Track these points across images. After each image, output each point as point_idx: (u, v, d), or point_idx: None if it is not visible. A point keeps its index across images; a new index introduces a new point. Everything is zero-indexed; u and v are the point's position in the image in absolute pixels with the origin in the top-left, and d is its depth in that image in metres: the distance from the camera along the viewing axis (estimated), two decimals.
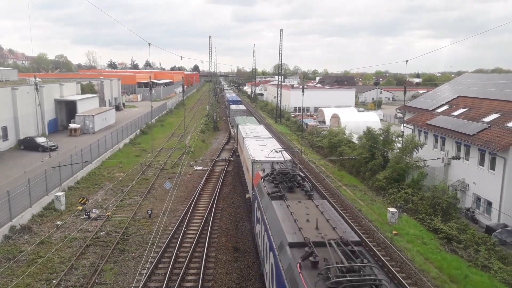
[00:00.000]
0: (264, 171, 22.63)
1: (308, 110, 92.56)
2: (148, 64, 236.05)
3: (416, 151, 36.42)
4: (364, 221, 28.34)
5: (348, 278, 9.60)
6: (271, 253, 14.29)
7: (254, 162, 26.40)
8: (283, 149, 28.06)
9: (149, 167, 41.75)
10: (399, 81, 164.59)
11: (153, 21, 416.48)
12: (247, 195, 30.04)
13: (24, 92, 50.25)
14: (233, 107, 74.39)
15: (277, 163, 24.71)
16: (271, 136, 38.13)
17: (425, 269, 21.63)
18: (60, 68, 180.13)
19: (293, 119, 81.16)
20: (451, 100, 41.84)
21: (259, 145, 31.73)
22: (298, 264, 11.04)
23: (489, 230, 26.19)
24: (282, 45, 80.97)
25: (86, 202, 30.03)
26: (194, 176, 39.35)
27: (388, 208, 29.11)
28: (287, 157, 28.13)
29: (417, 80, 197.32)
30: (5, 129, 45.80)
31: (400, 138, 38.83)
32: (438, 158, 34.33)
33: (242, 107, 75.73)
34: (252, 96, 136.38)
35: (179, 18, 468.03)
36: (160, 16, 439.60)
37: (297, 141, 58.79)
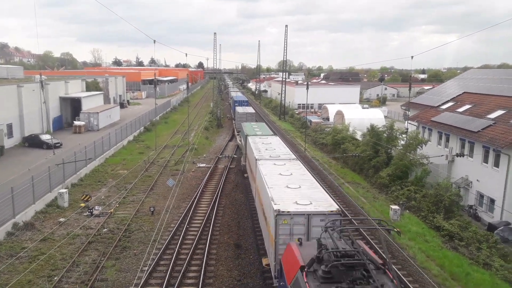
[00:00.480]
0: (301, 244, 12.71)
1: (312, 107, 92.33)
2: (153, 61, 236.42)
3: (420, 148, 36.21)
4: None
5: None
6: None
7: (279, 214, 16.50)
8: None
9: (152, 164, 41.89)
10: (404, 77, 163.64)
11: (158, 18, 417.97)
12: (264, 261, 19.72)
13: (30, 89, 50.55)
14: (239, 109, 62.24)
15: (319, 219, 15.80)
16: (294, 156, 27.32)
17: (427, 267, 21.56)
18: (66, 65, 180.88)
19: (297, 116, 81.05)
20: (456, 96, 41.54)
21: (281, 175, 21.50)
22: None
23: (491, 227, 26.03)
24: (286, 41, 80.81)
25: (89, 199, 30.18)
26: (197, 173, 39.43)
27: (390, 206, 29.01)
28: (328, 199, 18.09)
29: (422, 76, 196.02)
30: (10, 126, 46.09)
31: (404, 135, 38.64)
32: (442, 155, 34.11)
33: (250, 109, 63.84)
34: (257, 93, 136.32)
35: (184, 15, 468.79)
36: (165, 13, 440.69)
37: (301, 138, 58.71)
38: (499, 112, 32.18)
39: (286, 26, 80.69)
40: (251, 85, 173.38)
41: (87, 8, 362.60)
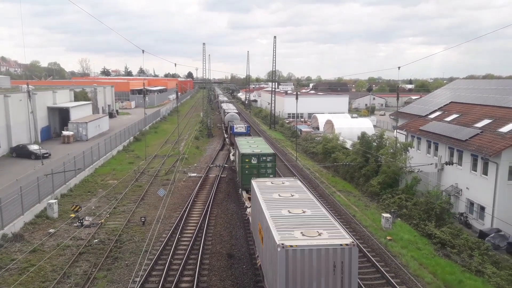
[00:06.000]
0: None
1: (302, 117, 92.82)
2: (142, 71, 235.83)
3: (408, 152, 36.52)
4: (358, 227, 28.35)
5: None
6: None
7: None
8: None
9: (142, 174, 41.55)
10: (392, 87, 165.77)
11: (147, 28, 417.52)
12: None
13: (17, 99, 49.97)
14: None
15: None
16: None
17: (420, 275, 21.63)
18: (53, 75, 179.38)
19: (287, 126, 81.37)
20: (444, 106, 42.13)
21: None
22: None
23: (482, 235, 26.29)
24: (275, 52, 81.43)
25: (79, 209, 29.79)
26: (188, 183, 39.20)
27: (382, 214, 29.16)
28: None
29: (409, 86, 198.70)
30: None
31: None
32: (431, 164, 34.49)
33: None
34: (246, 102, 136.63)
35: (174, 25, 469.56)
36: (154, 23, 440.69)
37: (292, 148, 58.87)
38: (486, 121, 32.73)
39: (275, 37, 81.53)
40: (241, 95, 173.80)
41: (76, 18, 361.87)
